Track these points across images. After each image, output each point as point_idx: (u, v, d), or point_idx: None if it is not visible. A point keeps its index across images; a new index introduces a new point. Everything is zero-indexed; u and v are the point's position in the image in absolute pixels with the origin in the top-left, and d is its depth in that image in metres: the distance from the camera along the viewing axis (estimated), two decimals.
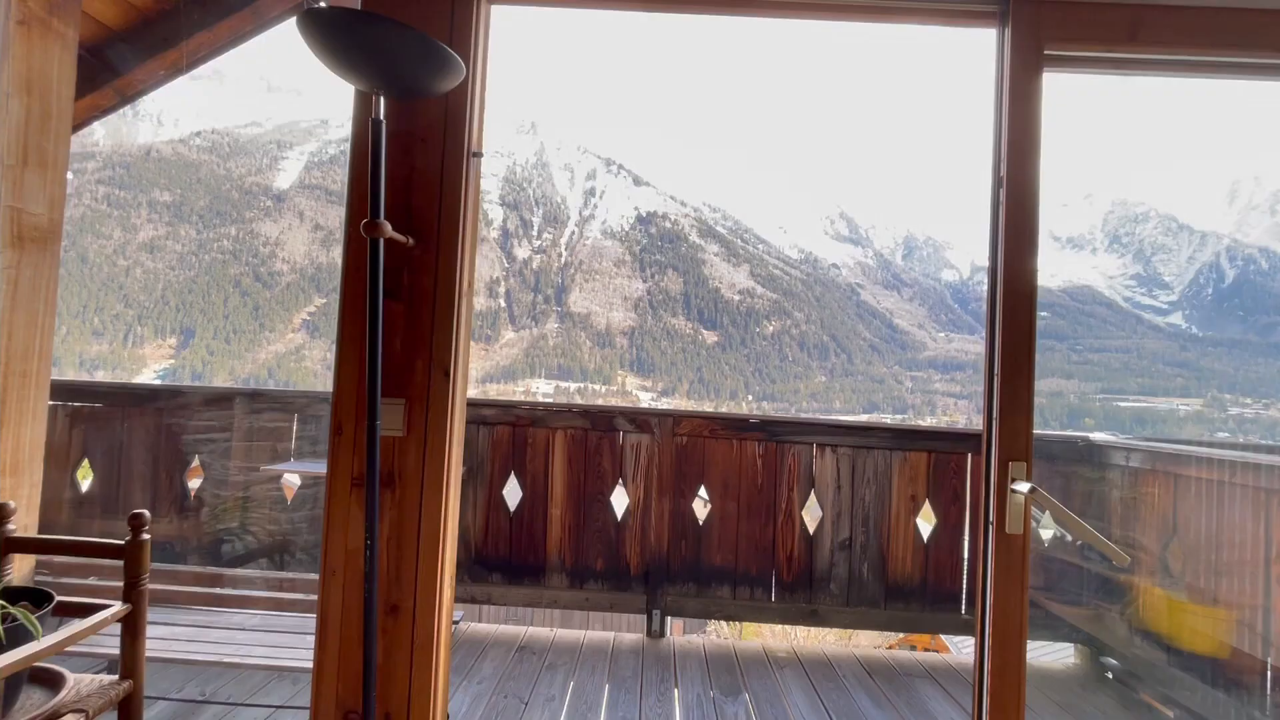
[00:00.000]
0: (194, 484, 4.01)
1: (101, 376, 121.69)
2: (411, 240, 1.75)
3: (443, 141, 1.79)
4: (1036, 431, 1.74)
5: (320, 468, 3.60)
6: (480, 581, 3.94)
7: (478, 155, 1.88)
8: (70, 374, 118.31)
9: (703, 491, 3.98)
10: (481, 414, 4.00)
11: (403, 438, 1.73)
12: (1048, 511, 1.67)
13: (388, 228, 1.56)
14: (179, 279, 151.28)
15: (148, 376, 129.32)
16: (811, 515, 3.93)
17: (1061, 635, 3.80)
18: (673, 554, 3.92)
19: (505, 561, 3.96)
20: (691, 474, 3.95)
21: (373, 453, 1.55)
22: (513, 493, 4.01)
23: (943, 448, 3.93)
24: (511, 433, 3.99)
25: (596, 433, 3.97)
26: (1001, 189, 1.75)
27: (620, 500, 3.97)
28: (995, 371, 1.72)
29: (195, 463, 4.01)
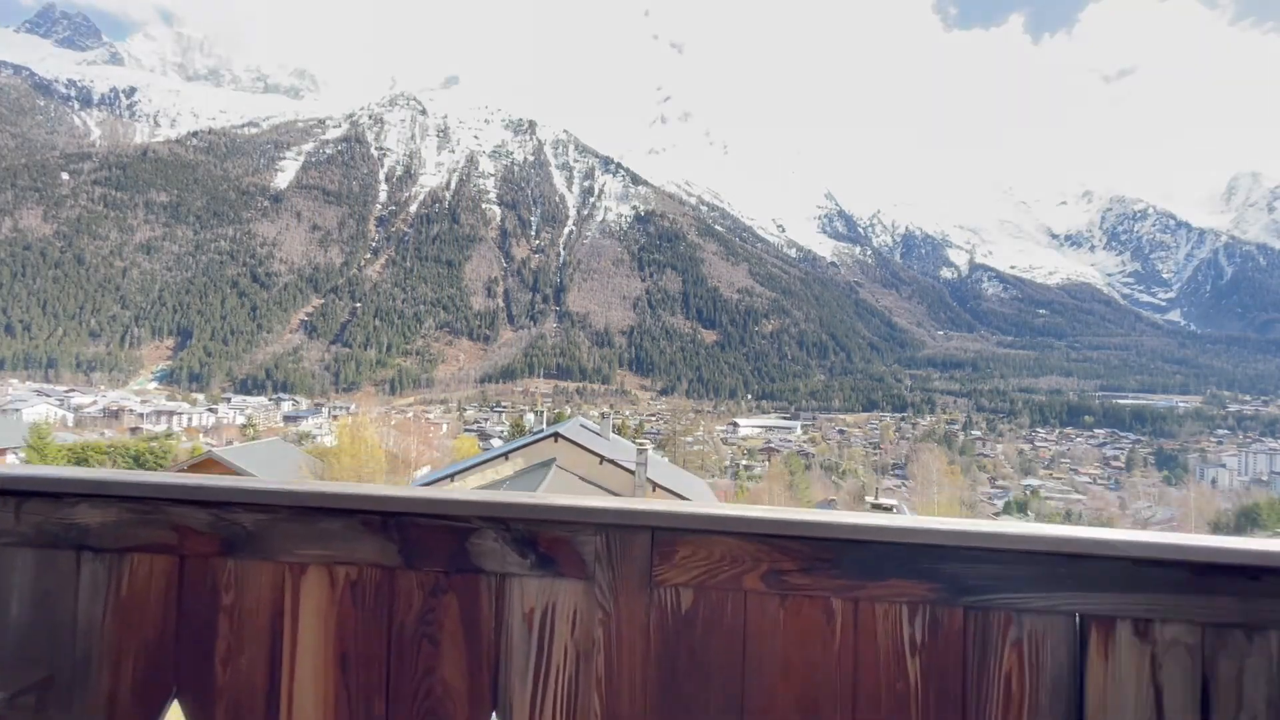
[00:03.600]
0: None
1: (98, 378, 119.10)
2: None
3: None
4: None
5: None
6: None
7: None
8: (67, 376, 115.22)
9: None
10: (70, 518, 1.33)
11: None
12: None
13: None
14: (176, 280, 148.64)
15: (145, 378, 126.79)
16: None
17: None
18: None
19: None
20: (708, 691, 1.30)
21: None
22: None
23: None
24: (178, 572, 1.34)
25: (419, 575, 1.32)
26: None
27: None
28: None
29: None
